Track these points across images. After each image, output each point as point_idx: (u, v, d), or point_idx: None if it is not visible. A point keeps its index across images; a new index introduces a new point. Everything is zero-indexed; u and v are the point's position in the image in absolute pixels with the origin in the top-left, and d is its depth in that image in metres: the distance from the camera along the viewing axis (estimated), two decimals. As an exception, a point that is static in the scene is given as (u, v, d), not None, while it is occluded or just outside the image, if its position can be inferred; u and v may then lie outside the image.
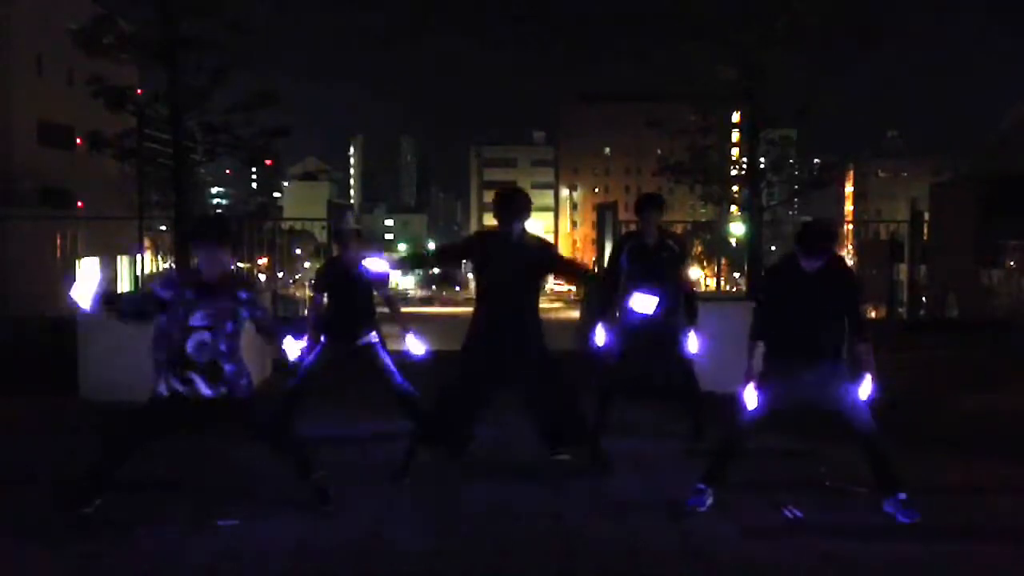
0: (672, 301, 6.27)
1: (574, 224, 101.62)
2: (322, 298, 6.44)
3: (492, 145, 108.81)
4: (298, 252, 53.27)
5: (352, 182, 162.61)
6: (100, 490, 4.75)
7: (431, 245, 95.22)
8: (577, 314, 9.33)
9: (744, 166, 12.31)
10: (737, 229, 23.74)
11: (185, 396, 4.72)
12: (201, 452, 5.98)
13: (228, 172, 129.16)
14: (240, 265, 15.04)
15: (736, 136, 56.99)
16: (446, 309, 46.30)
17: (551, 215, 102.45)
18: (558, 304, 46.88)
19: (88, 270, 4.68)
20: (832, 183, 36.90)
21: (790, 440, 6.21)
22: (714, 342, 6.79)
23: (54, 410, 7.55)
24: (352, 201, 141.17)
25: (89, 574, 4.15)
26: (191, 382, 4.71)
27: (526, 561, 4.34)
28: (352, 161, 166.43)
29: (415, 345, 6.37)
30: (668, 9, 11.55)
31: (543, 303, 6.13)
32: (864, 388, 4.81)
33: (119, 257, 31.71)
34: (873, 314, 14.97)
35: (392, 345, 6.52)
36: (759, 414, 4.92)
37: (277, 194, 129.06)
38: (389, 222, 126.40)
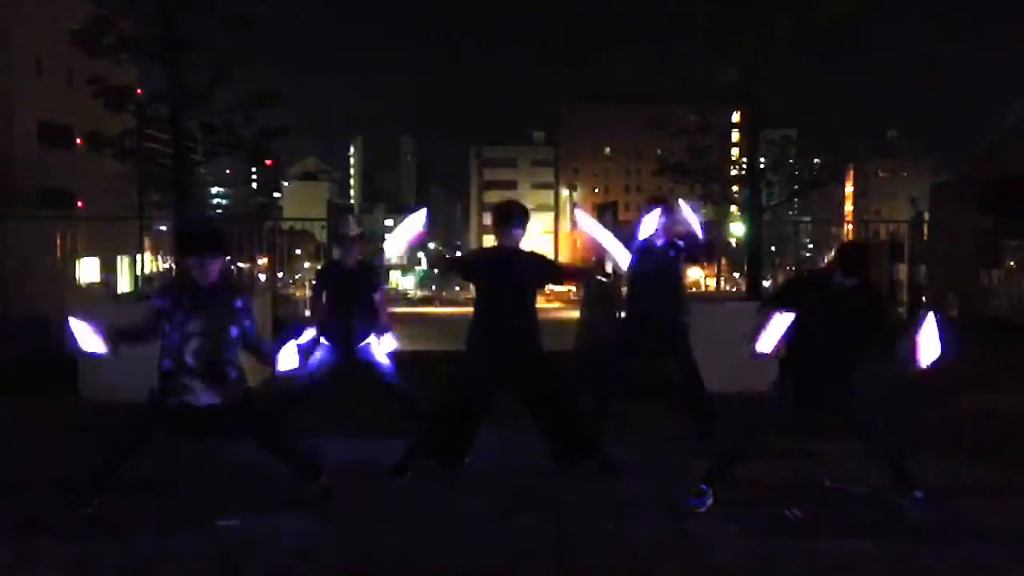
0: (678, 298, 6.33)
1: (574, 224, 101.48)
2: (322, 300, 6.44)
3: (492, 145, 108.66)
4: (298, 252, 53.23)
5: (352, 182, 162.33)
6: (100, 490, 4.77)
7: (431, 245, 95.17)
8: (577, 314, 9.30)
9: (744, 166, 12.30)
10: (737, 229, 23.75)
11: (185, 401, 4.75)
12: (201, 452, 5.98)
13: (228, 172, 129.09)
14: (240, 265, 15.07)
15: (736, 136, 56.98)
16: (446, 309, 46.30)
17: (551, 215, 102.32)
18: (558, 304, 46.85)
19: (76, 324, 4.72)
20: (832, 183, 36.87)
21: (790, 440, 6.20)
22: (716, 342, 6.79)
23: (54, 410, 7.55)
24: (352, 201, 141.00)
25: (89, 574, 4.16)
26: (190, 388, 4.73)
27: (526, 561, 4.34)
28: (352, 161, 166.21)
29: (388, 343, 6.38)
30: (669, 9, 11.55)
31: (543, 303, 6.15)
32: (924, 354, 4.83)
33: (119, 257, 31.74)
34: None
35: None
36: (776, 416, 5.02)
37: (277, 194, 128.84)
38: (389, 222, 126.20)
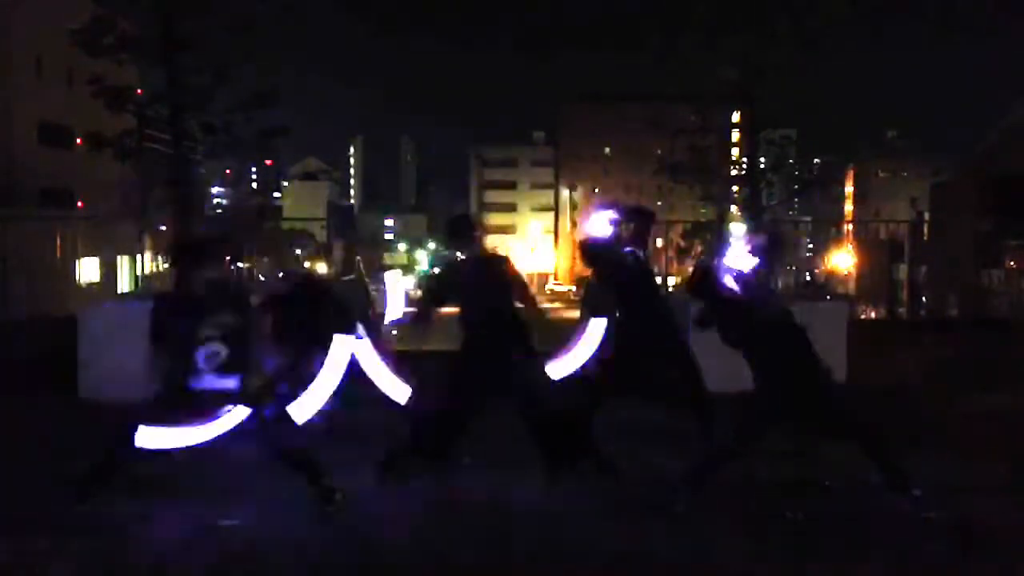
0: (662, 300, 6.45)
1: (574, 224, 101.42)
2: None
3: (492, 145, 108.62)
4: (298, 252, 53.24)
5: (352, 182, 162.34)
6: (100, 489, 4.78)
7: (431, 245, 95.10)
8: (577, 314, 9.29)
9: (744, 166, 12.32)
10: (737, 229, 23.71)
11: (189, 403, 4.76)
12: (201, 452, 5.97)
13: (228, 172, 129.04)
14: (240, 266, 15.07)
15: (736, 136, 56.98)
16: (445, 309, 46.17)
17: (551, 215, 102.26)
18: (558, 304, 46.83)
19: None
20: (832, 183, 36.90)
21: (788, 440, 6.19)
22: (716, 342, 6.77)
23: (54, 410, 7.55)
24: (352, 201, 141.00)
25: (89, 574, 4.16)
26: (198, 391, 4.76)
27: (526, 561, 4.34)
28: (352, 161, 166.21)
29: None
30: (669, 10, 11.56)
31: (542, 303, 6.16)
32: None
33: (119, 257, 31.71)
34: (873, 314, 14.97)
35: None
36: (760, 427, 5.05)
37: (277, 194, 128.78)
38: (389, 222, 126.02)
